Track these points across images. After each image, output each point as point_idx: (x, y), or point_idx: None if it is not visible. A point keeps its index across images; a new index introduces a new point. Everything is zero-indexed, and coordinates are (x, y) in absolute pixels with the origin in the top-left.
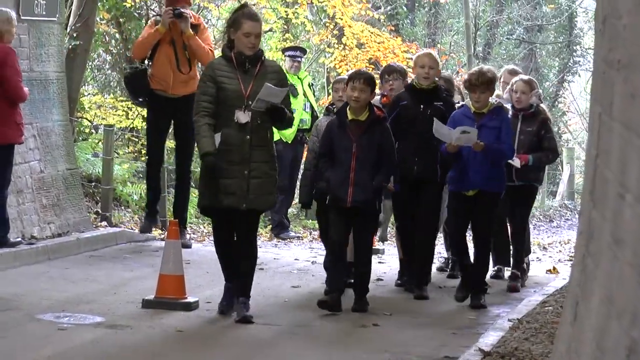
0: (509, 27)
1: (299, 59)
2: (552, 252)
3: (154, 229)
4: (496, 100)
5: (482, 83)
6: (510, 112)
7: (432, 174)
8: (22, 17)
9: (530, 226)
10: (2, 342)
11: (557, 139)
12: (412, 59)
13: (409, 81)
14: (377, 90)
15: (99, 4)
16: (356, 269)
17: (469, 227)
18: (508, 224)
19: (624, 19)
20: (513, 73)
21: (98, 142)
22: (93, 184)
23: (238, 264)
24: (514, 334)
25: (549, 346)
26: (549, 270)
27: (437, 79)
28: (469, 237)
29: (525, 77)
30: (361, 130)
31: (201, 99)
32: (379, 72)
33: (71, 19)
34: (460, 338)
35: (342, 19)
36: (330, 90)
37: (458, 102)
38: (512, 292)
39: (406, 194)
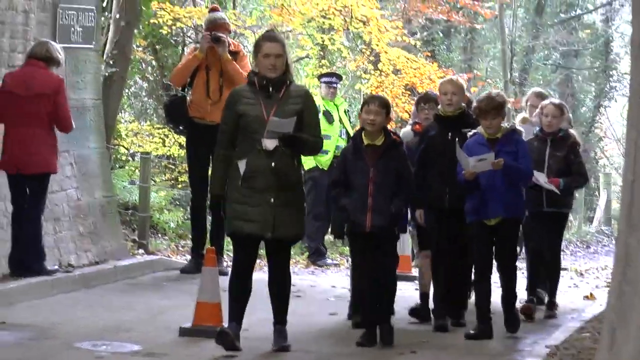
0: (545, 53)
1: (335, 85)
2: (589, 278)
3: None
4: (512, 124)
5: (492, 108)
6: (531, 136)
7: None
8: (59, 42)
9: (567, 252)
10: None
11: (594, 165)
12: None
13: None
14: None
15: (135, 31)
16: (374, 297)
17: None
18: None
19: None
20: (540, 96)
21: (135, 170)
22: (130, 211)
23: (275, 295)
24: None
25: None
26: (586, 297)
27: (463, 104)
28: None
29: (556, 101)
30: (378, 155)
31: (222, 128)
32: (415, 99)
33: (108, 46)
34: None
35: (378, 45)
36: None
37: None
38: (549, 319)
39: (438, 223)
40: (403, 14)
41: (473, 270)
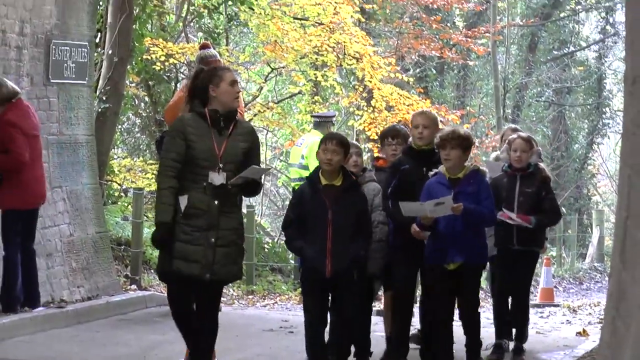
0: (538, 90)
1: (328, 121)
2: (581, 315)
3: None
4: (472, 164)
5: (452, 139)
6: (499, 172)
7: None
8: (52, 80)
9: (560, 288)
10: None
11: (587, 201)
12: (442, 121)
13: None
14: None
15: (128, 67)
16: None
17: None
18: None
19: None
20: (514, 131)
21: (127, 206)
22: (122, 247)
23: (197, 338)
24: None
25: None
26: (579, 333)
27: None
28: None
29: (525, 135)
30: (336, 195)
31: (168, 155)
32: (380, 134)
33: (101, 82)
34: None
35: (371, 82)
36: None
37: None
38: None
39: (406, 261)
40: (396, 50)
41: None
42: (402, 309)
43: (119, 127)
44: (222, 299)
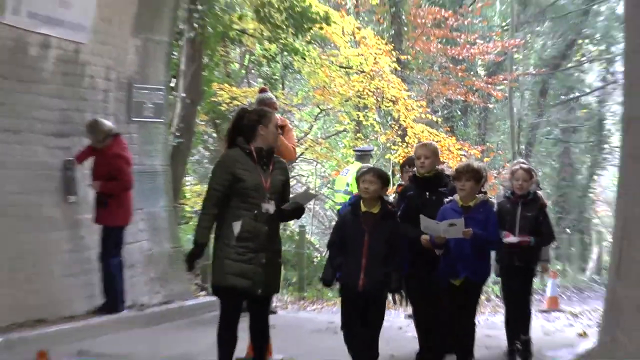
0: (548, 129)
1: (368, 155)
2: (582, 319)
3: None
4: (483, 195)
5: (467, 172)
6: (499, 201)
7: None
8: (133, 119)
9: (564, 297)
10: None
11: (588, 224)
12: (465, 155)
13: (413, 171)
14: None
15: (198, 107)
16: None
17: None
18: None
19: None
20: (516, 164)
21: None
22: None
23: (257, 342)
24: None
25: None
26: (580, 334)
27: (438, 167)
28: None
29: (526, 166)
30: (373, 221)
31: (216, 186)
32: (401, 164)
33: (175, 120)
34: None
35: (405, 121)
36: (395, 181)
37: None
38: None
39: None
40: (426, 95)
41: None
42: (419, 317)
43: (190, 158)
44: (277, 304)
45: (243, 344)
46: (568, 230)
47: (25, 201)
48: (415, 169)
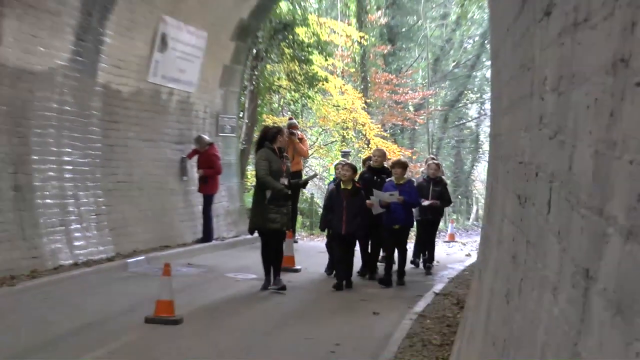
0: (448, 140)
1: (348, 155)
2: (468, 246)
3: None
4: (408, 177)
5: (398, 164)
6: (419, 181)
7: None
8: (219, 134)
9: (458, 233)
10: (208, 286)
11: (470, 192)
12: (402, 155)
13: (370, 163)
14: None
15: (254, 128)
16: (345, 267)
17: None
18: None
19: (503, 136)
20: (431, 159)
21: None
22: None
23: (274, 259)
24: (450, 284)
25: (466, 290)
26: (467, 255)
27: (384, 163)
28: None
29: (436, 161)
30: (348, 194)
31: (263, 166)
32: (363, 159)
33: (242, 135)
34: (425, 289)
35: (369, 136)
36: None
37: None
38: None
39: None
40: (381, 121)
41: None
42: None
43: (250, 156)
44: (298, 237)
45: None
46: (460, 197)
47: (159, 179)
48: (371, 162)
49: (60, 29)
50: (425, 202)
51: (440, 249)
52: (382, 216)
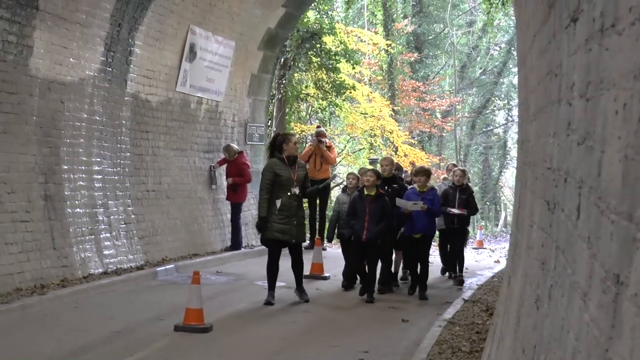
0: (476, 147)
1: (376, 162)
2: (497, 253)
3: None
4: (430, 185)
5: (421, 172)
6: (440, 188)
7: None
8: (247, 142)
9: (486, 240)
10: (237, 294)
11: (498, 198)
12: (429, 162)
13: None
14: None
15: None
16: (365, 277)
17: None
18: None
19: (531, 142)
20: (454, 166)
21: None
22: None
23: (296, 270)
24: (479, 290)
25: (495, 296)
26: (496, 261)
27: (394, 171)
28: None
29: (462, 168)
30: (372, 201)
31: (265, 181)
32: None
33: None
34: (456, 293)
35: (396, 143)
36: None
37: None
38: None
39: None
40: (409, 128)
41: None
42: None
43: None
44: (326, 245)
45: (308, 266)
46: (488, 203)
47: (188, 187)
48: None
49: (91, 40)
50: (454, 211)
51: (469, 256)
52: (403, 224)
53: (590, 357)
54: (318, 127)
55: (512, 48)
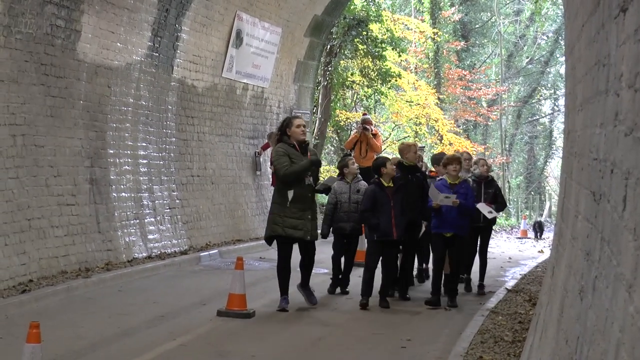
0: (521, 136)
1: (422, 150)
2: (540, 243)
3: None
4: (468, 175)
5: (453, 160)
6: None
7: (417, 218)
8: None
9: (530, 230)
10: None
11: (542, 189)
12: (475, 151)
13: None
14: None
15: (328, 123)
16: (385, 279)
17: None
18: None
19: (578, 132)
20: (480, 159)
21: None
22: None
23: (306, 270)
24: (522, 280)
25: (538, 286)
26: (540, 251)
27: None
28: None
29: (485, 160)
30: (393, 192)
31: (283, 161)
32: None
33: (315, 130)
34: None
35: (441, 132)
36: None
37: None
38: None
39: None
40: (454, 117)
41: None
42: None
43: (324, 150)
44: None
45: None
46: (532, 193)
47: (233, 173)
48: (404, 161)
49: (138, 25)
50: (485, 209)
51: (513, 246)
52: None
53: (635, 349)
54: (364, 114)
55: (560, 37)
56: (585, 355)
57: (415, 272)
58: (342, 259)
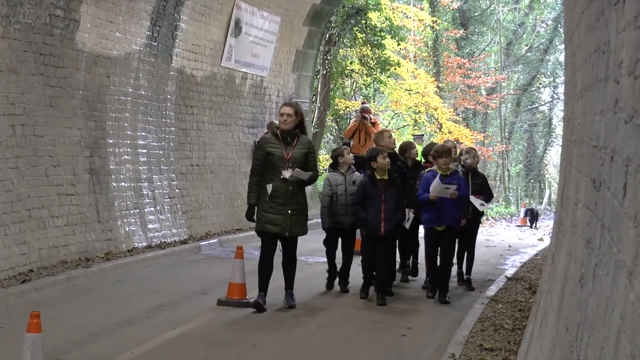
0: (520, 124)
1: (422, 139)
2: (540, 231)
3: None
4: (455, 165)
5: (445, 153)
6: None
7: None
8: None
9: (527, 218)
10: (279, 269)
11: (541, 176)
12: (474, 139)
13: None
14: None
15: (327, 112)
16: (378, 276)
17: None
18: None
19: (577, 120)
20: (472, 149)
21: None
22: None
23: (286, 270)
24: (522, 268)
25: (538, 274)
26: (539, 239)
27: (393, 149)
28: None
29: (474, 149)
30: (386, 185)
31: (255, 162)
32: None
33: (314, 118)
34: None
35: (441, 120)
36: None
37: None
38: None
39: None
40: (453, 105)
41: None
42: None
43: (323, 139)
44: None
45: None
46: (532, 181)
47: (232, 162)
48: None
49: (137, 15)
50: (477, 201)
51: (512, 234)
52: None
53: (635, 337)
54: (363, 103)
55: (559, 25)
56: (586, 342)
57: (409, 267)
58: (341, 255)
